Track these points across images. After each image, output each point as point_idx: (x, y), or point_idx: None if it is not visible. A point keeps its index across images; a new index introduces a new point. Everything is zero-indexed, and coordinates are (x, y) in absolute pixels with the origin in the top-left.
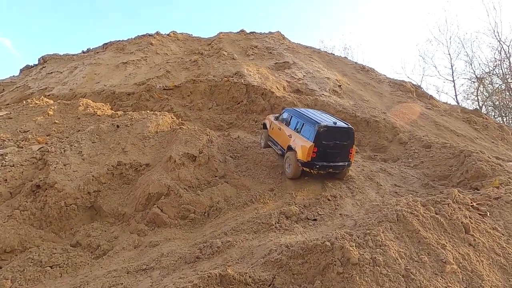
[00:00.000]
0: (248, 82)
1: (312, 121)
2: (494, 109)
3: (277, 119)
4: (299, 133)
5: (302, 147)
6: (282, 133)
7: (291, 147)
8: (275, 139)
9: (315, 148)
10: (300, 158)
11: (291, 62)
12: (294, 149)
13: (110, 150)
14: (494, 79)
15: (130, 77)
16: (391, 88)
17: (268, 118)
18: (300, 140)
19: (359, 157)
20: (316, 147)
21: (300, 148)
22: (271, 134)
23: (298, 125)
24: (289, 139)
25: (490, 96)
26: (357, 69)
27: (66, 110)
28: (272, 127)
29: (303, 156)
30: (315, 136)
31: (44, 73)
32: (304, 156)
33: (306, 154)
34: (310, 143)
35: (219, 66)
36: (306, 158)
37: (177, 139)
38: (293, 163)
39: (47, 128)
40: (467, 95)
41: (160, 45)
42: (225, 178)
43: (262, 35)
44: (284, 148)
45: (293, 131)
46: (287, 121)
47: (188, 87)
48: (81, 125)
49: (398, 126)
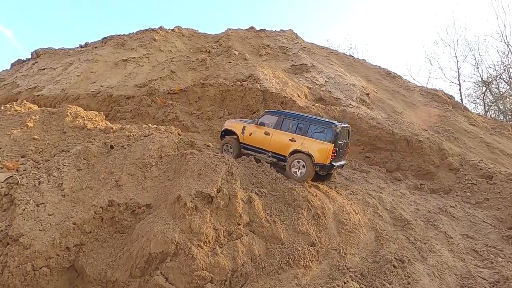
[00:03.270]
0: (265, 88)
1: (322, 122)
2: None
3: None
4: (308, 136)
5: (320, 150)
6: (276, 138)
7: (299, 151)
8: (258, 146)
9: (334, 149)
10: (319, 162)
11: (309, 65)
12: (307, 152)
13: (100, 183)
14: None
15: (130, 77)
16: (424, 98)
17: (233, 123)
18: (313, 143)
19: (404, 187)
20: (335, 147)
21: (317, 151)
22: (248, 141)
23: (302, 127)
24: (291, 143)
25: (496, 101)
26: (382, 74)
27: (50, 120)
28: (249, 133)
29: (324, 158)
30: (333, 137)
31: (36, 69)
32: (325, 159)
33: (326, 156)
34: (329, 144)
35: (230, 67)
36: (326, 161)
37: (188, 169)
38: (309, 166)
39: (23, 146)
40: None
41: (163, 41)
42: (251, 226)
43: (274, 33)
44: (281, 153)
45: (297, 134)
46: (276, 125)
47: (195, 92)
48: (67, 142)
49: (446, 147)
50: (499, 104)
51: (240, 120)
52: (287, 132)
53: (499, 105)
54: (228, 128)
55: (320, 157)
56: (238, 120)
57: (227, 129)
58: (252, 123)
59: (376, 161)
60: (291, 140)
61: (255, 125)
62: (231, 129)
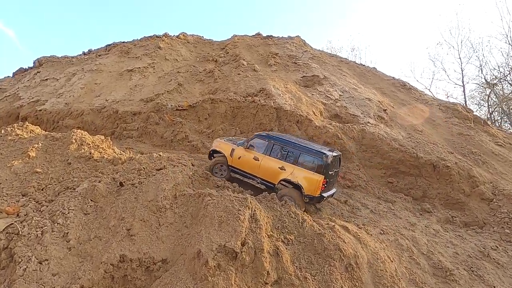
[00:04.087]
0: (278, 105)
1: (313, 151)
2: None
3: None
4: (297, 165)
5: (310, 181)
6: (265, 164)
7: (289, 181)
8: (248, 171)
9: (324, 180)
10: (309, 193)
11: (321, 77)
12: (296, 183)
13: (109, 231)
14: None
15: (136, 89)
16: (444, 113)
17: (221, 144)
18: (303, 172)
19: (435, 220)
20: (325, 179)
21: (307, 182)
22: (236, 165)
23: (292, 155)
24: (281, 171)
25: (501, 103)
26: (397, 86)
27: (53, 148)
28: (238, 156)
29: (314, 190)
30: (324, 167)
31: (38, 80)
32: (315, 191)
33: (316, 188)
34: (319, 176)
35: (239, 79)
36: (316, 192)
37: (207, 215)
38: (298, 198)
39: (24, 182)
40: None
41: (169, 49)
42: (279, 285)
43: (281, 40)
44: (271, 181)
45: (286, 162)
46: (266, 150)
47: (205, 108)
48: (72, 176)
49: (476, 174)
50: (503, 106)
51: (229, 140)
52: (277, 159)
53: (503, 106)
54: (217, 149)
55: (309, 188)
56: (227, 140)
57: (217, 149)
58: (242, 145)
59: (400, 188)
60: (281, 168)
61: (244, 148)
62: (220, 150)
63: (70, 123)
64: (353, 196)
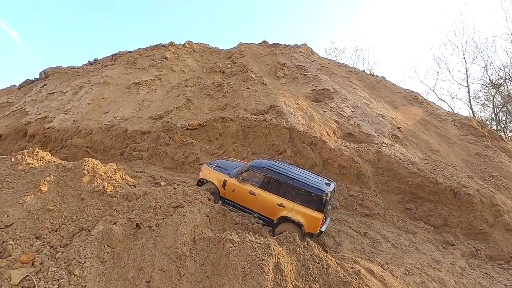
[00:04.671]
0: (291, 124)
1: (311, 187)
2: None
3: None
4: (296, 201)
5: (311, 219)
6: (262, 200)
7: (288, 219)
8: (243, 204)
9: (324, 217)
10: (309, 231)
11: (331, 90)
12: (296, 221)
13: (128, 284)
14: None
15: (144, 105)
16: (459, 130)
17: (211, 173)
18: (302, 209)
19: (459, 255)
20: (324, 215)
21: (307, 221)
22: (230, 197)
23: (289, 191)
24: (280, 208)
25: (506, 104)
26: (409, 99)
27: (65, 181)
28: (231, 189)
29: (314, 228)
30: (323, 204)
31: (45, 93)
32: (315, 229)
33: (316, 226)
34: (319, 214)
35: (249, 94)
36: (316, 230)
37: (229, 265)
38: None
39: (37, 222)
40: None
41: (175, 59)
42: None
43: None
44: (269, 217)
45: (285, 198)
46: (262, 184)
47: (215, 127)
48: (86, 214)
49: (499, 202)
50: (508, 106)
51: (218, 167)
52: (275, 194)
53: (508, 107)
54: (206, 179)
55: (309, 227)
56: (215, 166)
57: (207, 180)
58: (235, 177)
59: (420, 215)
60: (280, 205)
61: (238, 181)
62: (210, 180)
63: (79, 143)
64: (372, 226)
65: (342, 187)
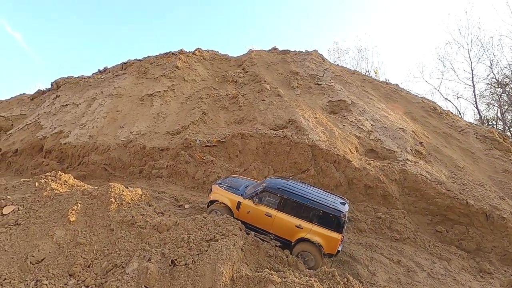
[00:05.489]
0: (313, 142)
1: (329, 208)
2: None
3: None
4: (313, 222)
5: (330, 240)
6: (279, 222)
7: (306, 240)
8: (259, 226)
9: (341, 237)
10: (329, 252)
11: (348, 102)
12: (315, 242)
13: None
14: None
15: (160, 119)
16: (482, 143)
17: (223, 193)
18: (320, 230)
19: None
20: (342, 235)
21: (326, 242)
22: (244, 219)
23: (306, 212)
24: (297, 229)
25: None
26: (427, 110)
27: (93, 209)
28: (246, 210)
29: (332, 249)
30: (342, 225)
31: (58, 105)
32: (334, 249)
33: (335, 246)
34: (337, 234)
35: (265, 107)
36: (335, 250)
37: None
38: (317, 256)
39: (69, 256)
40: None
41: (186, 68)
42: None
43: (299, 55)
44: (288, 239)
45: (303, 220)
46: (278, 206)
47: (235, 144)
48: (118, 248)
49: None
50: None
51: (230, 188)
52: (292, 216)
53: None
54: (218, 199)
55: (328, 247)
56: (227, 187)
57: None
58: (250, 198)
59: (451, 238)
60: (298, 227)
61: (253, 202)
62: (223, 202)
63: (97, 159)
64: (404, 253)
65: (369, 208)
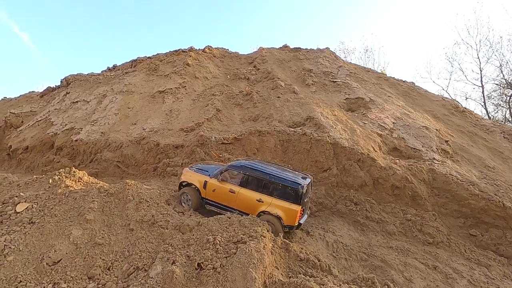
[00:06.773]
0: (334, 140)
1: (287, 181)
2: None
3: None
4: (274, 196)
5: (289, 212)
6: (242, 197)
7: (267, 213)
8: (224, 203)
9: (301, 209)
10: (288, 224)
11: (366, 99)
12: (276, 215)
13: None
14: None
15: (172, 116)
16: (510, 142)
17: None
18: (280, 203)
19: None
20: (301, 207)
21: (286, 214)
22: (211, 197)
23: (268, 186)
24: (259, 203)
25: None
26: (449, 108)
27: (110, 207)
28: (212, 189)
29: (293, 220)
30: (300, 197)
31: (68, 102)
32: (294, 221)
33: (295, 218)
34: (296, 206)
35: (281, 104)
36: (295, 222)
37: None
38: (278, 227)
39: (87, 258)
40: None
41: (197, 65)
42: None
43: (311, 52)
44: (250, 213)
45: (263, 194)
46: (241, 182)
47: (252, 141)
48: (138, 249)
49: None
50: None
51: (199, 170)
52: (253, 191)
53: None
54: (187, 181)
55: (288, 219)
56: (196, 169)
57: (188, 181)
58: (215, 177)
59: (487, 243)
60: (259, 201)
61: (218, 180)
62: (191, 182)
63: (109, 157)
64: (439, 258)
65: (397, 210)
